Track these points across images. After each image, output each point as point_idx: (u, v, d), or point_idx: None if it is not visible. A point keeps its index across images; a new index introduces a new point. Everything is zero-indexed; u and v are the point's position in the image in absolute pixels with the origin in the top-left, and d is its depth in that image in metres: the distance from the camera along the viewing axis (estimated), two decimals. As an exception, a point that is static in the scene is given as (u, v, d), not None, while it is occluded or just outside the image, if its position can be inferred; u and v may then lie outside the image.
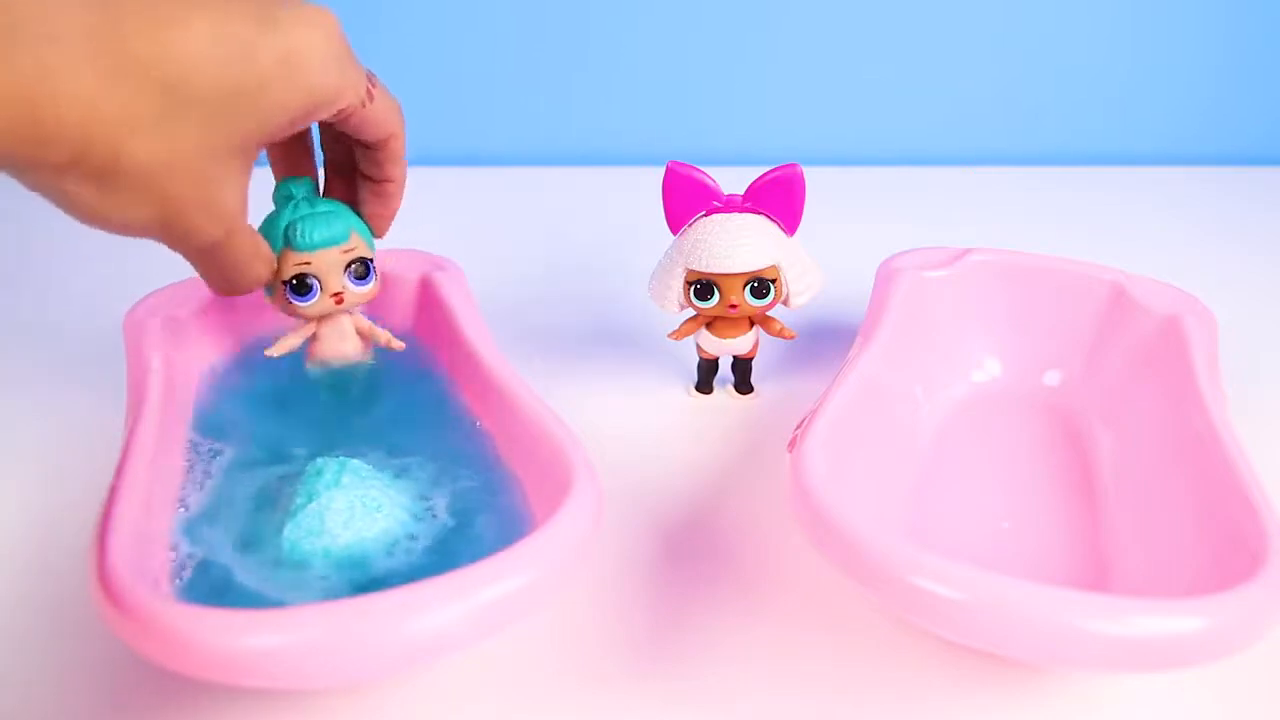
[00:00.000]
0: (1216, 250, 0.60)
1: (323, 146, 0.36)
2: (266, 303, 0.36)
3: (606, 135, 0.73)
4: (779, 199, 0.39)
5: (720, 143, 0.72)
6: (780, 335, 0.42)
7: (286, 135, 0.30)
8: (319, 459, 0.33)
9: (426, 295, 0.42)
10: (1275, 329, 0.51)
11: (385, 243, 0.38)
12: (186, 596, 0.29)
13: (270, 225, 0.35)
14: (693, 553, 0.35)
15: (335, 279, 0.35)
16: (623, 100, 0.72)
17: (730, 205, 0.39)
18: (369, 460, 0.35)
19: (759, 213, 0.39)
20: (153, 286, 0.40)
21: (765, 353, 0.44)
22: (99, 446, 0.38)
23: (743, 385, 0.44)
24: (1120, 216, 0.65)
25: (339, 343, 0.38)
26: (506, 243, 0.60)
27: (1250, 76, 0.73)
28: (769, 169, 0.39)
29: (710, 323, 0.42)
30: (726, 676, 0.30)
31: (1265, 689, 0.30)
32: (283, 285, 0.35)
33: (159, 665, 0.24)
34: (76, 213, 0.27)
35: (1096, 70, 0.72)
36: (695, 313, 0.41)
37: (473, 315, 0.40)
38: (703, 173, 0.39)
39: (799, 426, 0.34)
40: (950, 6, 0.70)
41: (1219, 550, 0.29)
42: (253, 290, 0.33)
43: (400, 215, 0.37)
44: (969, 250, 0.44)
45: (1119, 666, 0.25)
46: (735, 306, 0.40)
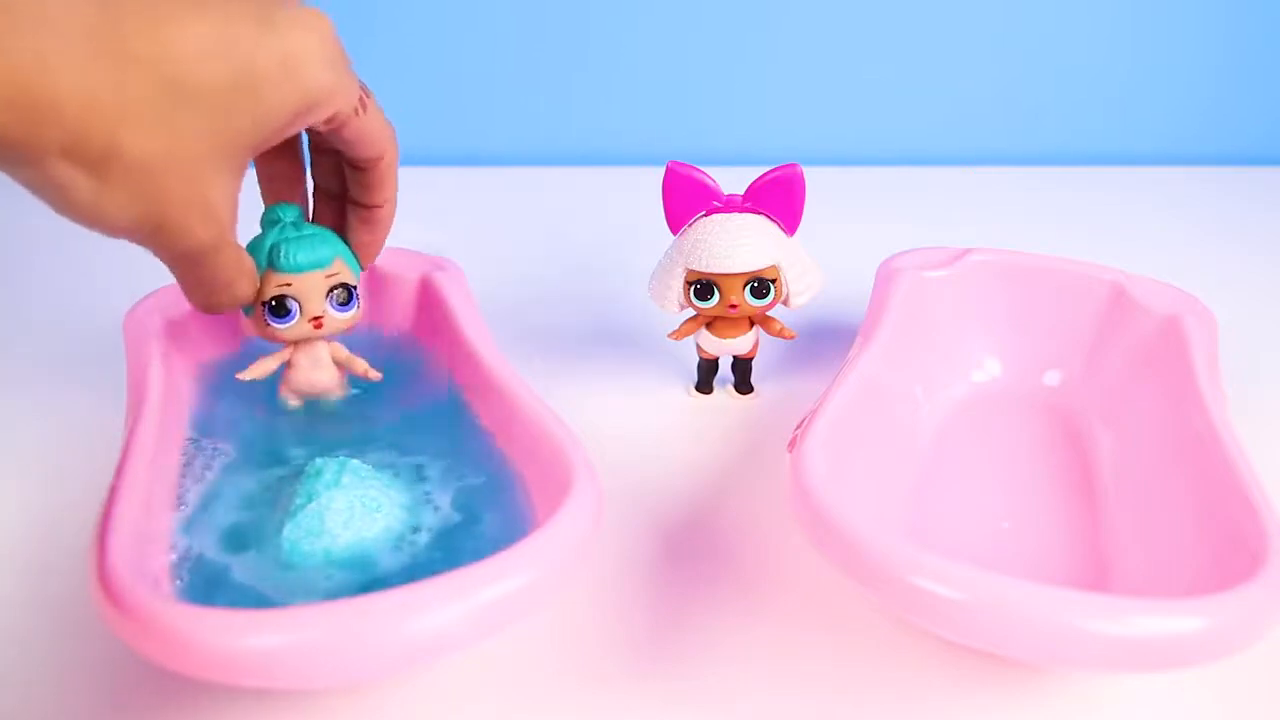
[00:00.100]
0: (1216, 250, 0.60)
1: (312, 173, 0.36)
2: (244, 325, 0.36)
3: (606, 135, 0.73)
4: (779, 199, 0.39)
5: (720, 143, 0.72)
6: (780, 335, 0.42)
7: (279, 139, 0.30)
8: (319, 459, 0.33)
9: (426, 295, 0.42)
10: (1275, 329, 0.51)
11: (385, 242, 0.38)
12: (186, 596, 0.29)
13: (255, 247, 0.35)
14: (693, 553, 0.35)
15: (316, 303, 0.35)
16: (623, 100, 0.72)
17: (730, 205, 0.39)
18: (369, 460, 0.35)
19: (759, 213, 0.39)
20: (153, 286, 0.40)
21: (765, 353, 0.44)
22: (99, 446, 0.38)
23: (743, 385, 0.44)
24: (1120, 216, 0.65)
25: (313, 371, 0.37)
26: (506, 243, 0.60)
27: (1250, 76, 0.73)
28: (769, 169, 0.39)
29: (710, 323, 0.42)
30: (726, 676, 0.30)
31: (1265, 689, 0.30)
32: (262, 306, 0.35)
33: (159, 665, 0.24)
34: (70, 209, 0.26)
35: (1096, 70, 0.72)
36: (695, 313, 0.41)
37: (473, 315, 0.40)
38: (703, 173, 0.39)
39: (799, 426, 0.34)
40: (950, 6, 0.70)
41: (1219, 550, 0.29)
42: (233, 308, 0.33)
43: (400, 215, 0.37)
44: (969, 250, 0.44)
45: (1119, 666, 0.25)
46: (735, 306, 0.40)
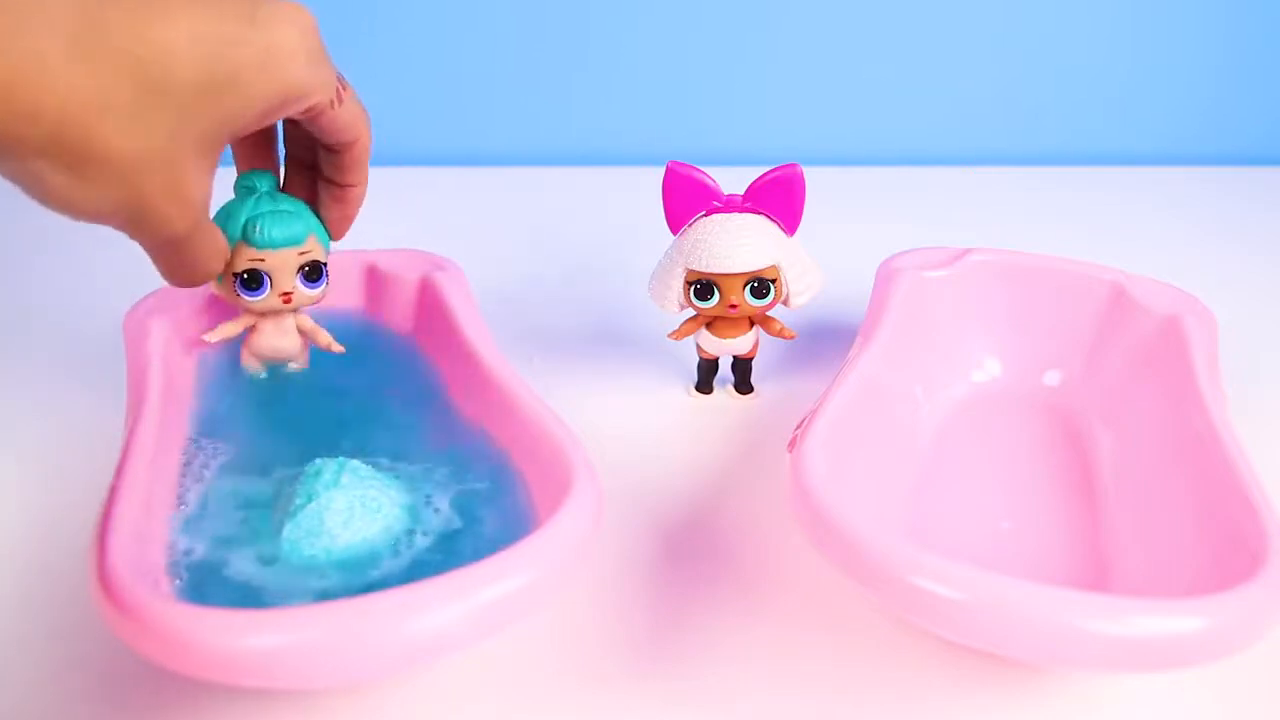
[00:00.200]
0: (1216, 250, 0.60)
1: (285, 142, 0.36)
2: (212, 289, 0.36)
3: (606, 135, 0.73)
4: (779, 199, 0.39)
5: (720, 143, 0.72)
6: (780, 335, 0.42)
7: (256, 129, 0.30)
8: (318, 459, 0.33)
9: (426, 295, 0.42)
10: (1275, 329, 0.51)
11: (385, 243, 0.38)
12: (186, 596, 0.29)
13: (229, 216, 0.35)
14: (693, 553, 0.35)
15: (287, 279, 0.35)
16: (623, 100, 0.72)
17: (730, 205, 0.39)
18: (368, 460, 0.35)
19: (759, 213, 0.39)
20: (153, 286, 0.40)
21: (765, 353, 0.44)
22: (99, 446, 0.38)
23: (743, 385, 0.44)
24: (1120, 216, 0.65)
25: (278, 337, 0.38)
26: (506, 243, 0.60)
27: (1250, 77, 0.73)
28: (769, 169, 0.39)
29: (710, 323, 0.42)
30: (726, 676, 0.30)
31: (1265, 689, 0.30)
32: (234, 277, 0.35)
33: (159, 665, 0.24)
34: (48, 199, 0.27)
35: (1096, 70, 0.72)
36: (695, 313, 0.41)
37: (473, 315, 0.40)
38: (703, 173, 0.39)
39: (799, 426, 0.34)
40: (950, 6, 0.70)
41: (1219, 550, 0.29)
42: (206, 282, 0.34)
43: (400, 215, 0.37)
44: (969, 250, 0.44)
45: (1119, 666, 0.25)
46: (735, 306, 0.40)
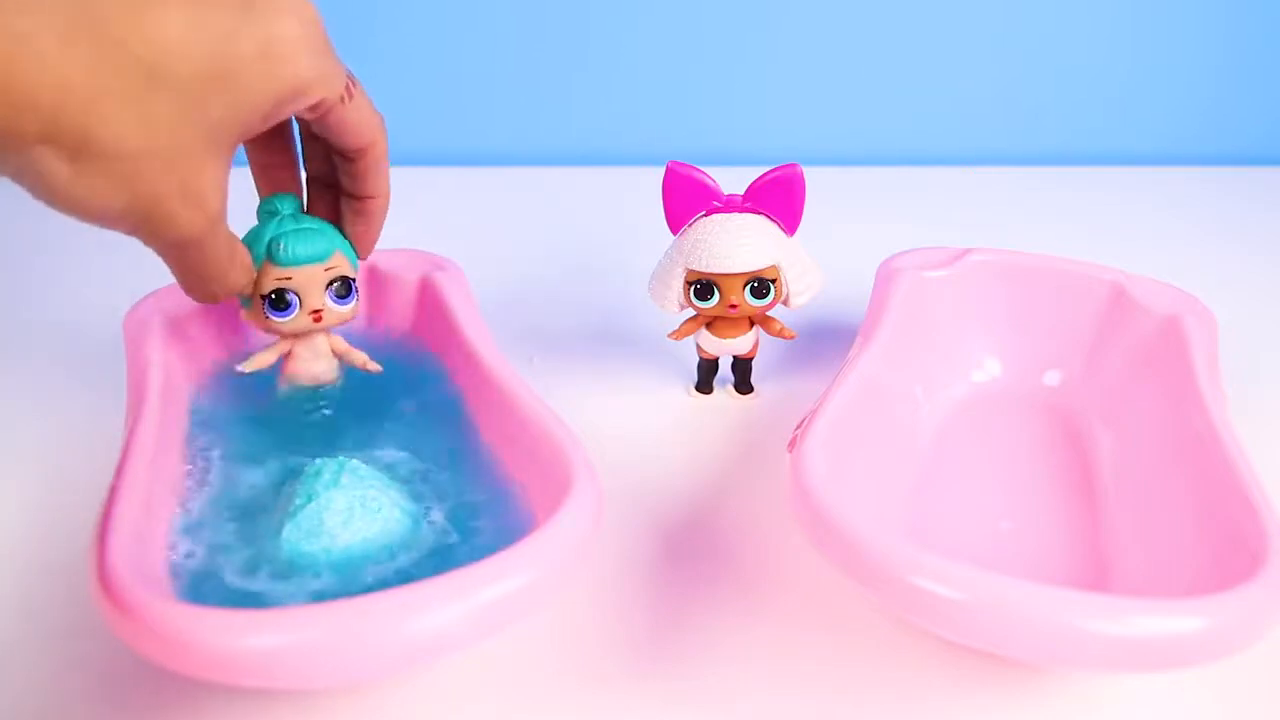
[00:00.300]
0: (1216, 250, 0.60)
1: (305, 162, 0.36)
2: (243, 317, 0.36)
3: (606, 135, 0.73)
4: (779, 199, 0.39)
5: (720, 143, 0.72)
6: (780, 335, 0.42)
7: (265, 126, 0.30)
8: (318, 459, 0.33)
9: (426, 295, 0.42)
10: (1275, 329, 0.51)
11: (385, 242, 0.38)
12: (186, 596, 0.29)
13: (253, 239, 0.35)
14: (693, 553, 0.35)
15: (316, 296, 0.35)
16: (623, 100, 0.72)
17: (730, 205, 0.39)
18: (368, 460, 0.35)
19: (759, 213, 0.39)
20: (153, 286, 0.40)
21: (765, 353, 0.44)
22: (99, 446, 0.38)
23: (743, 385, 0.44)
24: (1120, 216, 0.65)
25: (313, 362, 0.37)
26: (506, 243, 0.60)
27: (1250, 76, 0.73)
28: (769, 169, 0.39)
29: (710, 323, 0.42)
30: (726, 676, 0.30)
31: (1265, 689, 0.30)
32: (261, 300, 0.35)
33: (159, 665, 0.24)
34: (53, 197, 0.26)
35: (1096, 70, 0.72)
36: (695, 313, 0.41)
37: (473, 315, 0.40)
38: (703, 173, 0.39)
39: (799, 426, 0.34)
40: (950, 7, 0.70)
41: (1219, 550, 0.29)
42: (229, 297, 0.33)
43: (400, 215, 0.37)
44: (969, 250, 0.44)
45: (1119, 666, 0.25)
46: (735, 306, 0.40)
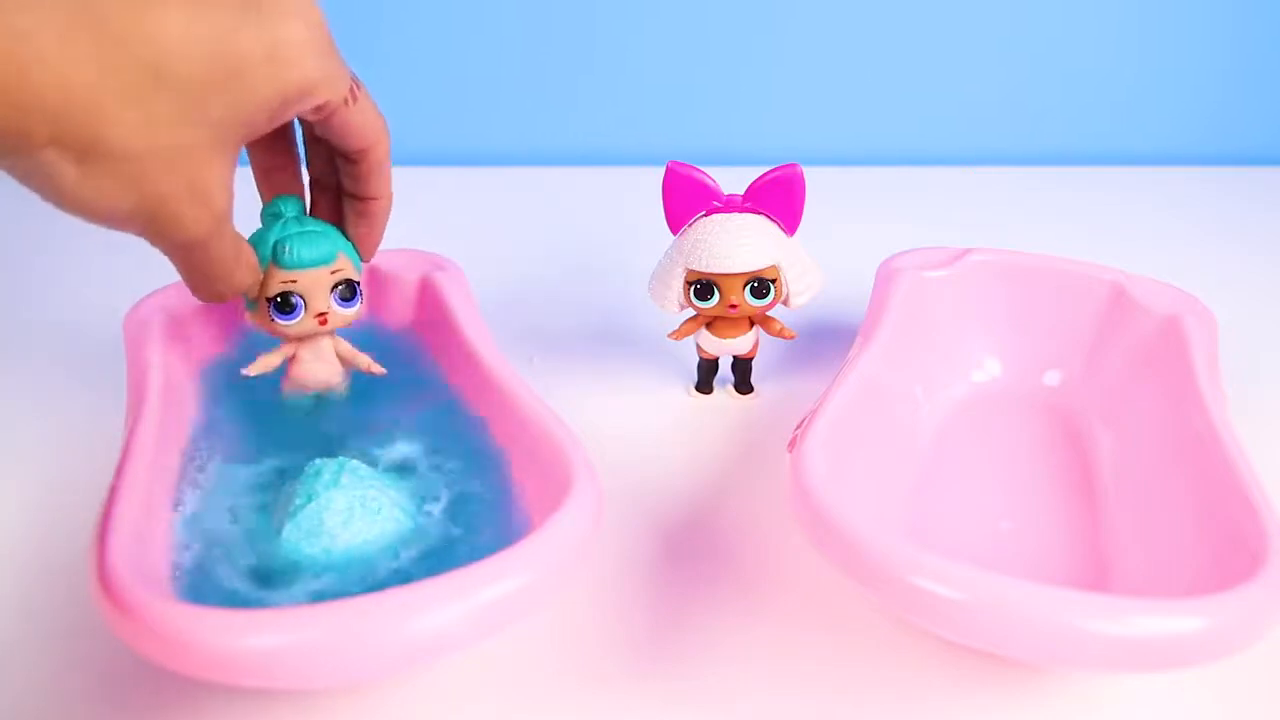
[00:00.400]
0: (1216, 250, 0.60)
1: (308, 165, 0.36)
2: (248, 320, 0.36)
3: (607, 135, 0.73)
4: (779, 199, 0.39)
5: (720, 143, 0.72)
6: (780, 335, 0.42)
7: (270, 127, 0.29)
8: (318, 459, 0.33)
9: (426, 295, 0.42)
10: (1275, 329, 0.51)
11: (386, 242, 0.38)
12: (186, 596, 0.29)
13: (258, 241, 0.34)
14: (693, 553, 0.35)
15: (321, 299, 0.35)
16: (623, 100, 0.72)
17: (730, 205, 0.39)
18: (368, 460, 0.35)
19: (759, 213, 0.39)
20: (153, 286, 0.40)
21: (765, 353, 0.44)
22: (99, 446, 0.38)
23: (743, 385, 0.44)
24: (1120, 216, 0.65)
25: (318, 366, 0.37)
26: (506, 243, 0.60)
27: (1251, 77, 0.73)
28: (769, 169, 0.39)
29: (710, 323, 0.42)
30: (726, 676, 0.30)
31: (1265, 689, 0.30)
32: (267, 302, 0.35)
33: (159, 665, 0.24)
34: (61, 199, 0.26)
35: (1098, 71, 0.72)
36: (695, 313, 0.41)
37: (473, 315, 0.40)
38: (703, 173, 0.39)
39: (799, 426, 0.34)
40: (952, 7, 0.70)
41: (1219, 550, 0.29)
42: (235, 297, 0.33)
43: (400, 215, 0.37)
44: (969, 250, 0.44)
45: (1119, 666, 0.25)
46: (735, 306, 0.40)
